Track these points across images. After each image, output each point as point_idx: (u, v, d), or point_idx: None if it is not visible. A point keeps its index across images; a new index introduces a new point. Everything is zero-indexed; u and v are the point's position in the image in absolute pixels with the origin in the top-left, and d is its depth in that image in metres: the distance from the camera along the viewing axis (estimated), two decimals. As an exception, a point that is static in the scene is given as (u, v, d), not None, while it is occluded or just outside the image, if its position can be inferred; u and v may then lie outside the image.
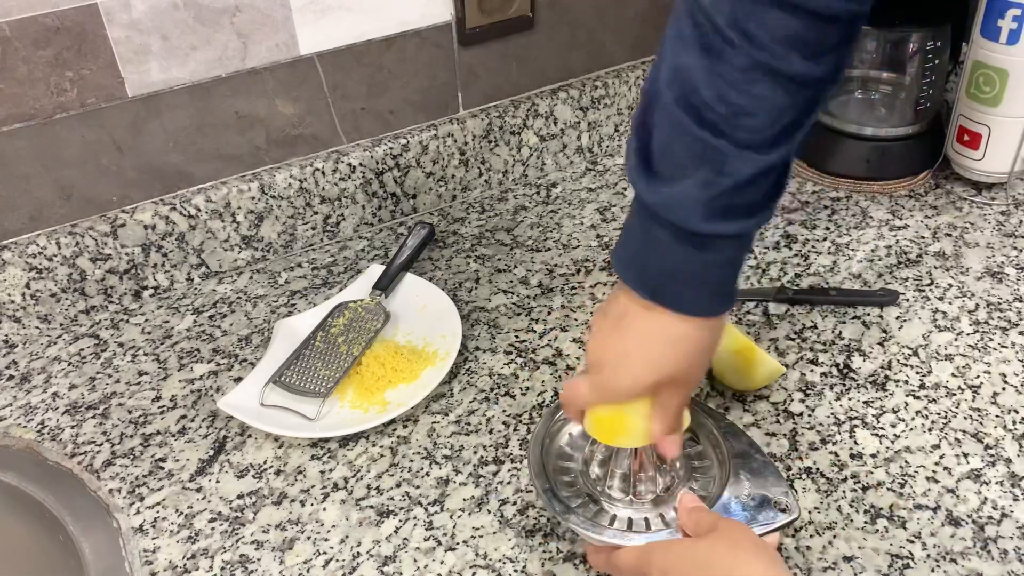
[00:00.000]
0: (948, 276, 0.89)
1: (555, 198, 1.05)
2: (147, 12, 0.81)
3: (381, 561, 0.66)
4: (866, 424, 0.74)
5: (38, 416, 0.80)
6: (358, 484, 0.72)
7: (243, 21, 0.86)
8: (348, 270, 0.96)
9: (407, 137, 0.99)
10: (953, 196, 1.01)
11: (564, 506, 0.61)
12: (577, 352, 0.83)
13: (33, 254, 0.85)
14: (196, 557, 0.67)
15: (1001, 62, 0.92)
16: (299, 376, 0.79)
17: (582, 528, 0.60)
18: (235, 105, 0.90)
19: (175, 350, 0.86)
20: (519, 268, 0.94)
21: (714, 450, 0.65)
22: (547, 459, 0.65)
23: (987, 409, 0.75)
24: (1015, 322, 0.83)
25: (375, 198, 1.00)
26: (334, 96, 0.94)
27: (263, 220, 0.95)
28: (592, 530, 0.59)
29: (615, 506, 0.63)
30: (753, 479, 0.62)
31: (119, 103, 0.84)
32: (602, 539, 0.59)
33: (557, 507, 0.61)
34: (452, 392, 0.80)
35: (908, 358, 0.80)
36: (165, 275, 0.93)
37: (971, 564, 0.63)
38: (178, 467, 0.74)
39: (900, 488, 0.69)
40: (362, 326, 0.84)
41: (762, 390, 0.77)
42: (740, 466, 0.62)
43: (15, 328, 0.88)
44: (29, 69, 0.79)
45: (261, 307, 0.91)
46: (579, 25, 1.04)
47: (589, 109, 1.09)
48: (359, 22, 0.91)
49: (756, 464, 0.63)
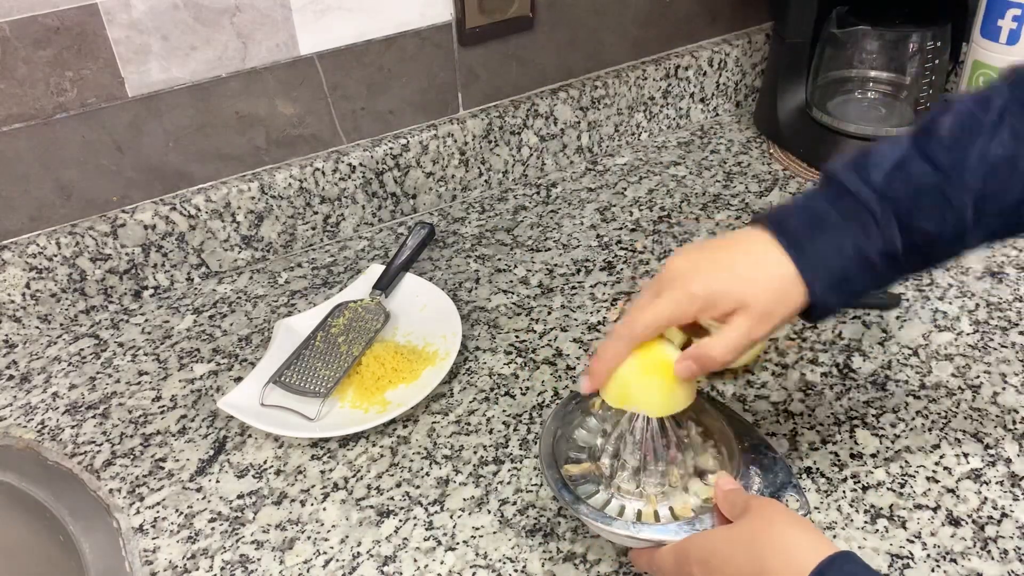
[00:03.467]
0: (948, 276, 0.89)
1: (555, 198, 1.06)
2: (147, 12, 0.81)
3: (381, 561, 0.66)
4: (866, 424, 0.74)
5: (38, 416, 0.80)
6: (358, 484, 0.72)
7: (243, 21, 0.86)
8: (348, 270, 0.96)
9: (407, 137, 0.99)
10: (953, 196, 1.01)
11: (574, 496, 0.61)
12: (577, 352, 0.83)
13: (33, 254, 0.85)
14: (196, 557, 0.67)
15: (1001, 62, 0.92)
16: (299, 376, 0.79)
17: (590, 519, 0.60)
18: (235, 105, 0.90)
19: (175, 350, 0.86)
20: (519, 268, 0.94)
21: (725, 445, 0.65)
22: (558, 450, 0.65)
23: (987, 409, 0.75)
24: (1015, 322, 0.83)
25: (375, 198, 1.00)
26: (334, 96, 0.94)
27: (263, 220, 0.95)
28: (600, 521, 0.60)
29: (624, 498, 0.63)
30: (763, 474, 0.62)
31: (119, 103, 0.84)
32: (611, 530, 0.59)
33: (567, 496, 0.61)
34: (452, 392, 0.80)
35: (908, 358, 0.80)
36: (165, 275, 0.93)
37: (971, 564, 0.63)
38: (178, 467, 0.74)
39: (900, 488, 0.69)
40: (362, 326, 0.84)
41: (762, 389, 0.77)
42: (751, 461, 0.63)
43: (15, 328, 0.88)
44: (29, 69, 0.79)
45: (261, 307, 0.91)
46: (579, 25, 1.04)
47: (589, 109, 1.09)
48: (359, 22, 0.91)
49: (766, 460, 0.63)
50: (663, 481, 0.63)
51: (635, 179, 1.08)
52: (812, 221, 0.56)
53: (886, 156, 0.56)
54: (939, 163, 0.55)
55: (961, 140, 0.55)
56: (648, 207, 1.02)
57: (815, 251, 0.56)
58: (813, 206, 0.57)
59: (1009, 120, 0.55)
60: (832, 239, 0.56)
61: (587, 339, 0.84)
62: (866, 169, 0.56)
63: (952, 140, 0.55)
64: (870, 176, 0.56)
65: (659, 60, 1.12)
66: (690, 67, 1.14)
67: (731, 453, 0.64)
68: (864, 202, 0.55)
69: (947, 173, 0.54)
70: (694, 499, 0.62)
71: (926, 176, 0.55)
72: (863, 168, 0.56)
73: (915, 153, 0.56)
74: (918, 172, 0.55)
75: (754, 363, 0.80)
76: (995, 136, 0.54)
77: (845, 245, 0.55)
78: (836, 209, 0.56)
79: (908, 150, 0.56)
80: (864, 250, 0.55)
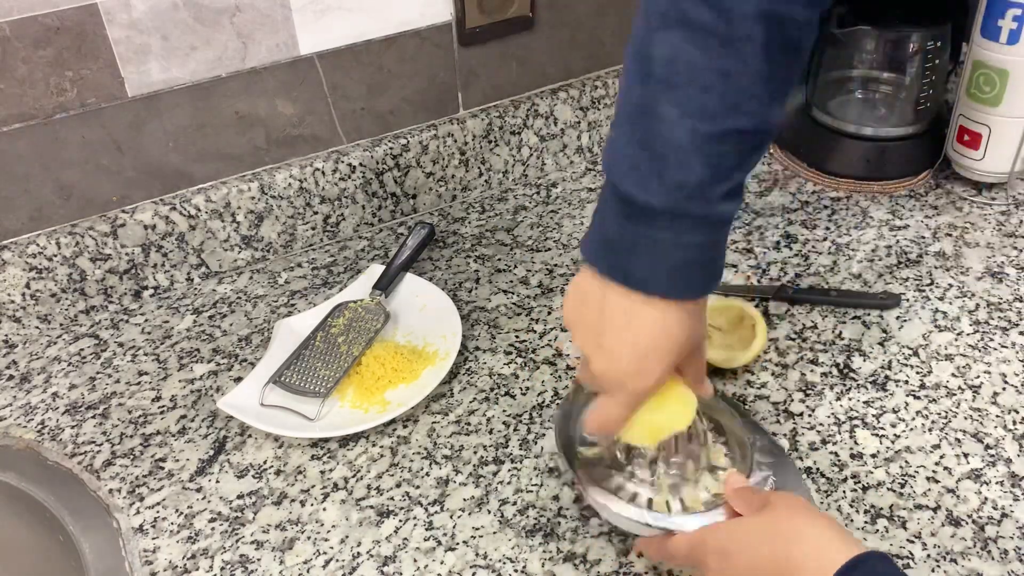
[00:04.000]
0: (948, 276, 0.89)
1: (555, 198, 1.05)
2: (147, 12, 0.81)
3: (381, 561, 0.66)
4: (866, 424, 0.74)
5: (38, 416, 0.80)
6: (358, 484, 0.72)
7: (243, 21, 0.86)
8: (348, 270, 0.96)
9: (407, 137, 0.99)
10: (953, 196, 1.01)
11: (589, 477, 0.62)
12: (577, 352, 0.83)
13: (33, 254, 0.85)
14: (196, 557, 0.67)
15: (1001, 62, 0.91)
16: (299, 376, 0.79)
17: (602, 501, 0.60)
18: (235, 105, 0.90)
19: (175, 350, 0.86)
20: (519, 268, 0.94)
21: (737, 443, 0.65)
22: (573, 432, 0.65)
23: (987, 409, 0.75)
24: (1015, 322, 0.83)
25: (375, 198, 1.00)
26: (334, 96, 0.94)
27: (263, 220, 0.95)
28: (613, 505, 0.60)
29: (637, 485, 0.63)
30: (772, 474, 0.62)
31: (119, 103, 0.84)
32: (626, 516, 0.60)
33: (582, 476, 0.62)
34: (452, 392, 0.80)
35: (908, 358, 0.80)
36: (165, 275, 0.93)
37: (971, 564, 0.63)
38: (178, 467, 0.74)
39: (900, 488, 0.69)
40: (362, 326, 0.84)
41: (762, 389, 0.77)
42: (759, 461, 0.63)
43: (15, 328, 0.88)
44: (29, 69, 0.79)
45: (261, 307, 0.91)
46: (579, 25, 1.04)
47: (589, 109, 1.09)
48: (359, 22, 0.91)
49: (775, 460, 0.63)
50: (679, 472, 0.63)
51: (635, 179, 1.08)
52: (622, 245, 0.54)
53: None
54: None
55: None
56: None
57: (646, 273, 0.54)
58: (616, 229, 0.54)
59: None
60: (652, 252, 0.53)
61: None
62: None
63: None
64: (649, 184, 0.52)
65: (659, 60, 1.12)
66: (690, 67, 1.13)
67: (743, 451, 0.64)
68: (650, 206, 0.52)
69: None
70: (704, 493, 0.63)
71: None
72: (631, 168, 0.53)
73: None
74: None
75: (754, 363, 0.80)
76: None
77: (666, 251, 0.53)
78: (633, 222, 0.53)
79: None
80: (684, 241, 0.53)
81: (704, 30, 0.49)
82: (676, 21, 0.50)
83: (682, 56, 0.50)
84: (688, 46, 0.50)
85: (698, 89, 0.50)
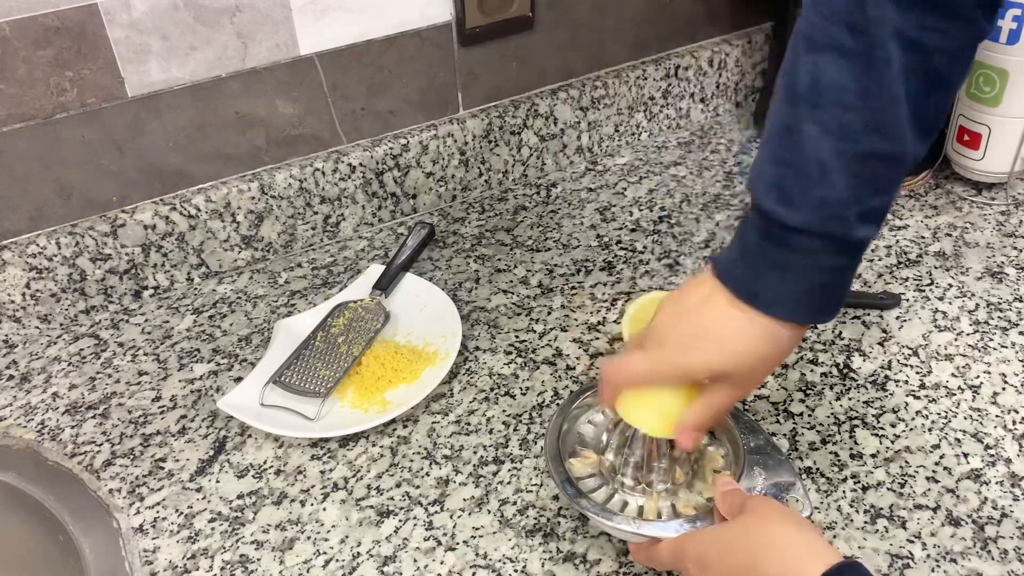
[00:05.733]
0: (948, 276, 0.89)
1: (555, 198, 1.05)
2: (147, 12, 0.81)
3: (381, 561, 0.66)
4: (866, 424, 0.74)
5: (38, 416, 0.80)
6: (358, 484, 0.72)
7: (243, 21, 0.86)
8: (348, 270, 0.96)
9: (407, 137, 0.99)
10: (953, 196, 1.01)
11: (576, 490, 0.62)
12: (577, 352, 0.83)
13: (33, 254, 0.85)
14: (196, 557, 0.67)
15: (1001, 62, 0.92)
16: (299, 376, 0.79)
17: (592, 513, 0.60)
18: (235, 105, 0.90)
19: (175, 350, 0.86)
20: (519, 268, 0.94)
21: (730, 444, 0.65)
22: (563, 446, 0.65)
23: (987, 409, 0.75)
24: (1015, 322, 0.83)
25: (375, 198, 1.00)
26: (334, 96, 0.94)
27: (263, 220, 0.95)
28: (601, 515, 0.60)
29: (627, 494, 0.63)
30: (767, 474, 0.62)
31: (119, 103, 0.84)
32: (614, 525, 0.60)
33: (570, 490, 0.62)
34: (452, 392, 0.80)
35: (908, 358, 0.80)
36: (165, 275, 0.93)
37: (971, 564, 0.63)
38: (178, 467, 0.74)
39: (900, 488, 0.69)
40: (362, 326, 0.84)
41: (762, 389, 0.77)
42: (755, 462, 0.63)
43: (15, 328, 0.88)
44: (29, 69, 0.79)
45: (261, 307, 0.91)
46: (579, 25, 1.04)
47: (589, 109, 1.09)
48: (359, 22, 0.91)
49: (771, 460, 0.63)
50: (667, 478, 0.63)
51: (635, 179, 1.08)
52: (757, 263, 0.55)
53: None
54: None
55: None
56: (648, 207, 1.02)
57: (776, 293, 0.54)
58: (753, 246, 0.55)
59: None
60: (785, 272, 0.54)
61: (587, 339, 0.84)
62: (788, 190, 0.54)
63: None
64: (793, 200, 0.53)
65: (659, 60, 1.12)
66: (690, 67, 1.14)
67: (737, 453, 0.64)
68: (796, 228, 0.53)
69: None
70: (698, 497, 0.63)
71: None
72: (785, 189, 0.54)
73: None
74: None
75: None
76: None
77: (800, 273, 0.54)
78: (772, 241, 0.54)
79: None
80: (820, 263, 0.54)
81: (846, 52, 0.51)
82: (821, 45, 0.52)
83: (825, 77, 0.52)
84: (831, 67, 0.52)
85: (840, 109, 0.52)
